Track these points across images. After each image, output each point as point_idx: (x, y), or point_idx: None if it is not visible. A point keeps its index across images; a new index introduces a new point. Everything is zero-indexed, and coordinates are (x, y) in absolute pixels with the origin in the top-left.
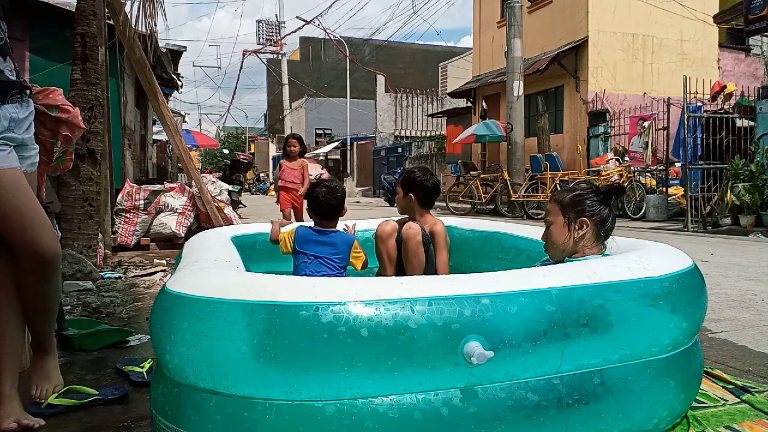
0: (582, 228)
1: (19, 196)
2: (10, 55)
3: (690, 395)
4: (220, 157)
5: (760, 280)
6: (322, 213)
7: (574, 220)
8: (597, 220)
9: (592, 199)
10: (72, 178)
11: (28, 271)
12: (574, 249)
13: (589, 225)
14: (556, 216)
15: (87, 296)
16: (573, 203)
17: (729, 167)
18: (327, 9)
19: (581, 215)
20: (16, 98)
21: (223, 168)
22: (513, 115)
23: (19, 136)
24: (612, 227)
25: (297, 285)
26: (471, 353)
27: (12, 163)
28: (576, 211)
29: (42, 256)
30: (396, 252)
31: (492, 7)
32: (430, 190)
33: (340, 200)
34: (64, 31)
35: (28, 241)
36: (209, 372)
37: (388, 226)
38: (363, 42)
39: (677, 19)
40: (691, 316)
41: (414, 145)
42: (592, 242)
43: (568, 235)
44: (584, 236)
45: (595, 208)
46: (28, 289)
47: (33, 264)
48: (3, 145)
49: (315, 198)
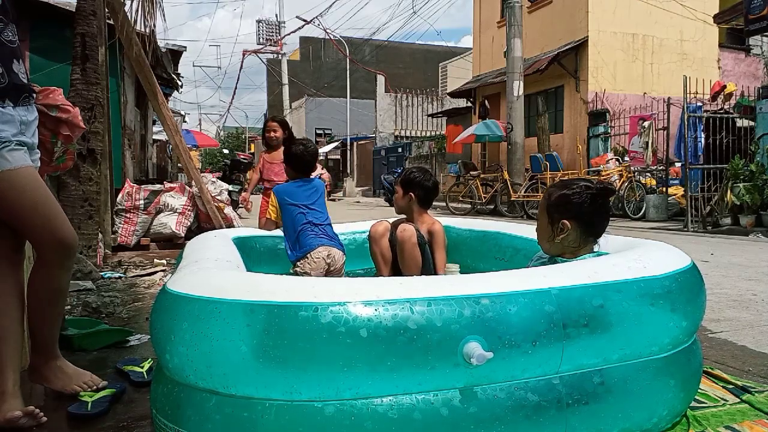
0: (563, 230)
1: (41, 192)
2: (21, 59)
3: (689, 394)
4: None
5: (760, 280)
6: (302, 168)
7: (556, 221)
8: (582, 222)
9: (577, 200)
10: (72, 178)
11: (51, 262)
12: (559, 249)
13: (570, 228)
14: (542, 214)
15: (87, 296)
16: (557, 204)
17: (729, 167)
18: (327, 9)
19: (563, 217)
20: (26, 101)
21: (223, 168)
22: (513, 115)
23: (29, 140)
24: (602, 229)
25: (296, 285)
26: (471, 354)
27: (28, 162)
28: (559, 212)
29: (67, 246)
30: (390, 252)
31: (492, 7)
32: (429, 189)
33: (314, 155)
34: (64, 31)
35: (52, 231)
36: (209, 372)
37: (380, 226)
38: (363, 42)
39: (677, 19)
40: (691, 314)
41: (414, 145)
42: (579, 242)
43: (551, 233)
44: (566, 238)
45: (580, 211)
46: (49, 282)
47: (58, 254)
48: (19, 145)
49: (295, 155)
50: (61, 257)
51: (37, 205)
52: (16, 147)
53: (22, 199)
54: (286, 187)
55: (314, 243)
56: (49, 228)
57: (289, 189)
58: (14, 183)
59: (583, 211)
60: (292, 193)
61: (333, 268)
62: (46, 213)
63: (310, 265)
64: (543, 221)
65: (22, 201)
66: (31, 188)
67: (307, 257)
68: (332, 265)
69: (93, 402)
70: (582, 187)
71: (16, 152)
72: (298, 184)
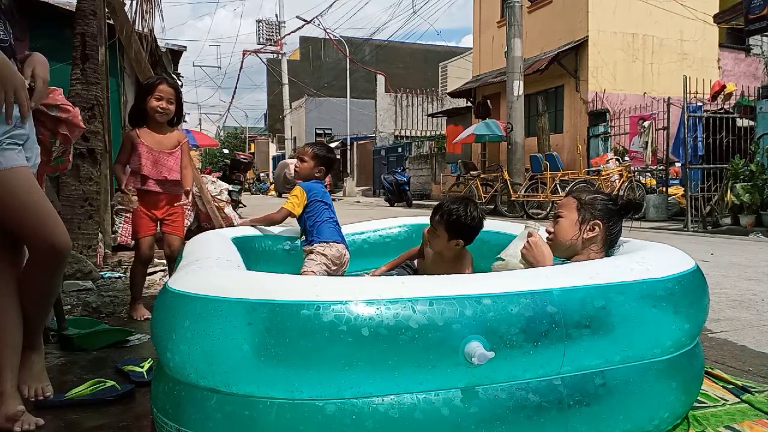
0: (594, 230)
1: (33, 192)
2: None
3: (691, 397)
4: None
5: (760, 280)
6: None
7: (588, 221)
8: (608, 227)
9: (610, 207)
10: (72, 178)
11: (42, 264)
12: (573, 251)
13: (601, 229)
14: (570, 212)
15: (87, 296)
16: (591, 203)
17: (729, 167)
18: (327, 9)
19: (596, 218)
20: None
21: (223, 168)
22: (513, 115)
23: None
24: (617, 238)
25: (298, 284)
26: (472, 353)
27: (23, 162)
28: (592, 213)
29: (58, 250)
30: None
31: (492, 7)
32: (478, 230)
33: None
34: (64, 31)
35: (44, 234)
36: (210, 370)
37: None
38: (363, 42)
39: (677, 18)
40: (693, 317)
41: (414, 145)
42: (599, 247)
43: (577, 233)
44: (593, 239)
45: (611, 216)
46: (37, 283)
47: (47, 257)
48: (13, 145)
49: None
50: (52, 261)
51: (28, 207)
52: (8, 147)
53: (13, 200)
54: (313, 185)
55: (338, 238)
56: (41, 231)
57: (316, 187)
58: (6, 183)
59: (613, 219)
60: (319, 192)
61: (341, 268)
62: (38, 215)
63: (331, 252)
64: (571, 220)
65: (13, 202)
66: (23, 189)
67: (330, 244)
68: (342, 266)
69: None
70: (612, 196)
71: (8, 152)
72: (321, 184)
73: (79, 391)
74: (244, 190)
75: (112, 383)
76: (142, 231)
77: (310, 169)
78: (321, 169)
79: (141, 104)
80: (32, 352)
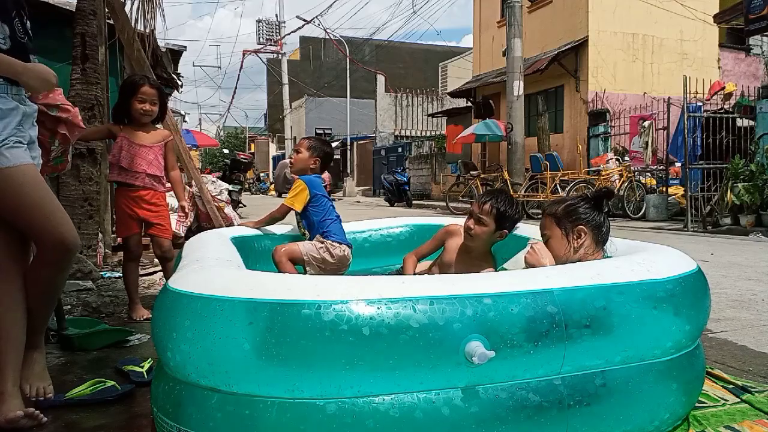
0: (580, 236)
1: (40, 189)
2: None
3: (692, 398)
4: (220, 157)
5: (760, 280)
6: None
7: (571, 230)
8: (593, 226)
9: (584, 207)
10: (72, 178)
11: (49, 261)
12: (578, 258)
13: (586, 232)
14: (552, 229)
15: (87, 296)
16: (566, 213)
17: (729, 167)
18: (327, 9)
19: (577, 224)
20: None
21: (223, 168)
22: (513, 114)
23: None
24: (608, 231)
25: (299, 283)
26: (472, 353)
27: (30, 160)
28: (571, 221)
29: (66, 246)
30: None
31: (492, 7)
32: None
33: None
34: (64, 31)
35: (52, 230)
36: (210, 370)
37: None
38: (363, 42)
39: (677, 18)
40: (694, 319)
41: (414, 144)
42: (593, 249)
43: (567, 245)
44: (584, 244)
45: (588, 215)
46: (43, 280)
47: (55, 254)
48: (19, 143)
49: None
50: (60, 258)
51: (35, 203)
52: (15, 144)
53: (21, 197)
54: (314, 179)
55: (345, 240)
56: (49, 227)
57: (317, 182)
58: (13, 181)
59: (592, 215)
60: (320, 186)
61: (341, 269)
62: (46, 212)
63: (337, 252)
64: (556, 236)
65: (21, 199)
66: (30, 186)
67: (341, 246)
68: (342, 267)
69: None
70: (578, 197)
71: (15, 149)
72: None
73: (79, 391)
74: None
75: (112, 383)
76: (126, 231)
77: (305, 161)
78: (316, 161)
79: (124, 104)
80: (34, 351)
